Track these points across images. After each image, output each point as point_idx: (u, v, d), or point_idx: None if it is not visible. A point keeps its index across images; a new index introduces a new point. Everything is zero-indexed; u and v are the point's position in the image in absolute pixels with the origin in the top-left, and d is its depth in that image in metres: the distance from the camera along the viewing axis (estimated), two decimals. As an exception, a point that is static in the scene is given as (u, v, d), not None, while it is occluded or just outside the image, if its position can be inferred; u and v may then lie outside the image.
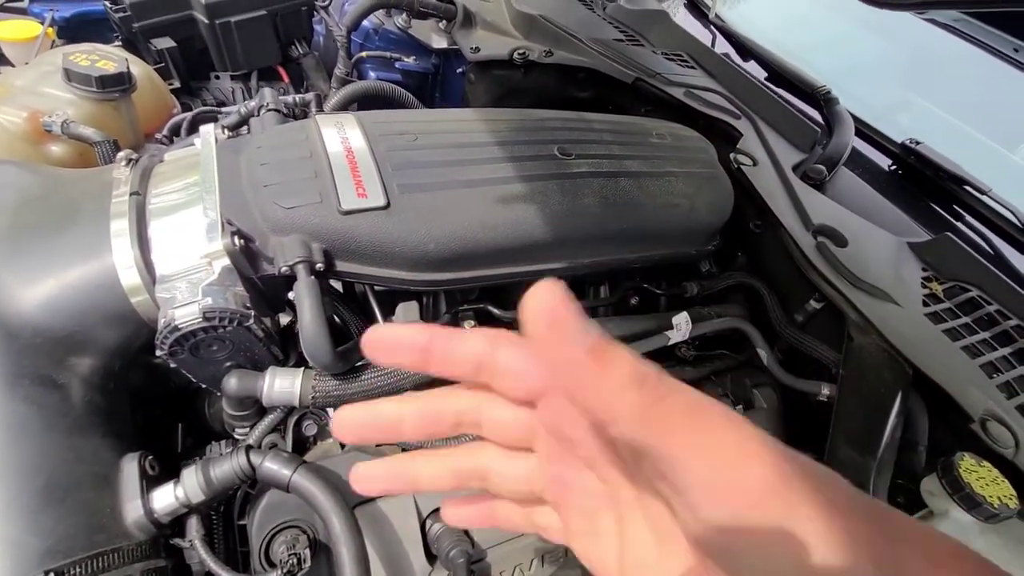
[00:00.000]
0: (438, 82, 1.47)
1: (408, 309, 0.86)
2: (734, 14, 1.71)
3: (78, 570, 0.46)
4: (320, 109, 1.05)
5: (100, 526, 0.49)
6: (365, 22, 1.33)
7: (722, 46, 1.51)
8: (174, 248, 0.61)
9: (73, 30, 1.18)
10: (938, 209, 1.08)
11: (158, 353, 0.57)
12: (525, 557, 0.69)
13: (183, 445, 0.75)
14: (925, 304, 0.84)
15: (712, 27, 1.51)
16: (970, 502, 0.63)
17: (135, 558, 0.49)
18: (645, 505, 0.25)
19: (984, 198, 1.02)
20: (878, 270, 0.86)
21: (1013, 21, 1.12)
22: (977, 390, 0.72)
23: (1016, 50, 1.21)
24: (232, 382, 0.60)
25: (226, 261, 0.60)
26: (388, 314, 0.78)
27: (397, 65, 1.38)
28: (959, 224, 1.06)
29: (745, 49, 1.42)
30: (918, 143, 1.10)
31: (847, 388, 0.74)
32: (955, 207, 1.08)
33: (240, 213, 0.63)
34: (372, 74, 1.40)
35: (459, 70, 1.43)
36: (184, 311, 0.56)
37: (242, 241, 0.60)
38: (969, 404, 0.70)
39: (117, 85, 0.87)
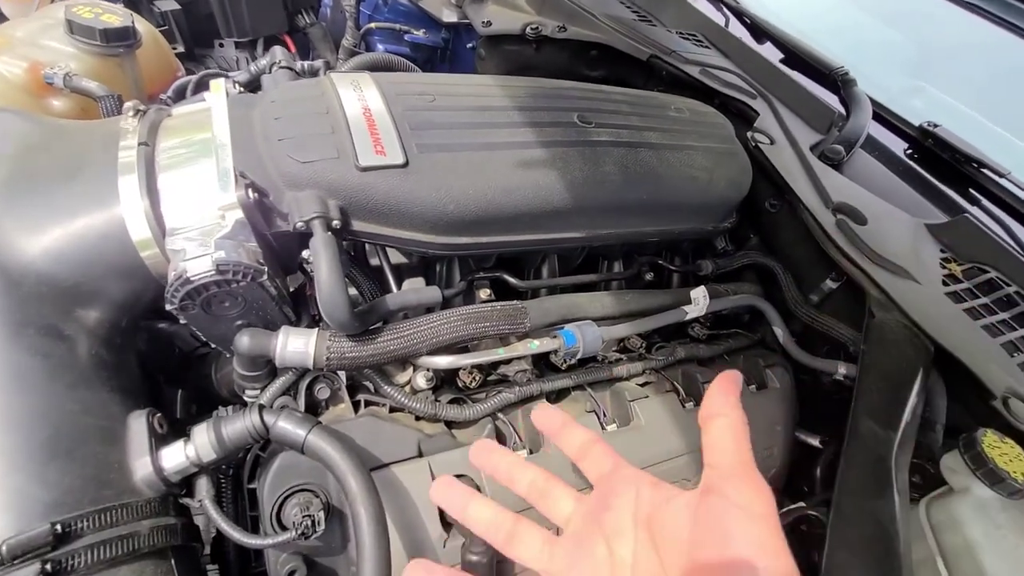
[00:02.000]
0: (447, 56, 1.44)
1: (415, 283, 0.84)
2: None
3: (84, 523, 0.44)
4: (330, 76, 1.02)
5: (108, 481, 0.47)
6: (375, -8, 1.30)
7: (736, 29, 1.49)
8: (185, 201, 0.59)
9: (73, -11, 1.14)
10: (953, 193, 1.07)
11: (168, 307, 0.55)
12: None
13: (187, 412, 0.73)
14: (944, 284, 0.83)
15: (725, 8, 1.49)
16: (993, 477, 0.62)
17: (143, 515, 0.48)
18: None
19: (1003, 181, 1.01)
20: (897, 249, 0.85)
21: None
22: (999, 368, 0.71)
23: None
24: (245, 340, 0.57)
25: (239, 214, 0.58)
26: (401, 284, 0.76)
27: (406, 38, 1.35)
28: (975, 208, 1.05)
29: (760, 31, 1.40)
30: (936, 126, 1.09)
31: (869, 363, 0.72)
32: (972, 190, 1.07)
33: (254, 167, 0.61)
34: (380, 46, 1.36)
35: (469, 45, 1.40)
36: (196, 264, 0.54)
37: (256, 195, 0.58)
38: (991, 381, 0.69)
39: (122, 40, 0.83)
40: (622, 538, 0.37)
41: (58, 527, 0.42)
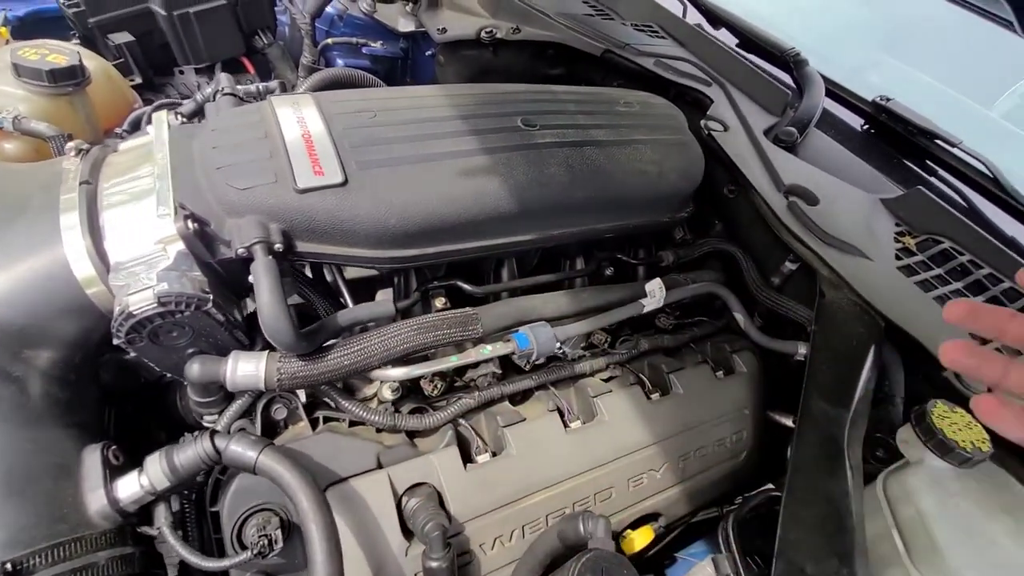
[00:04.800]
0: (408, 66, 1.45)
1: (386, 294, 0.85)
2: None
3: (39, 560, 0.45)
4: (284, 96, 1.03)
5: (62, 516, 0.49)
6: (329, 8, 1.31)
7: (695, 17, 1.49)
8: (128, 236, 0.60)
9: (28, 29, 1.15)
10: (910, 165, 1.08)
11: (115, 341, 0.56)
12: (505, 529, 0.69)
13: (156, 439, 0.74)
14: (898, 258, 0.84)
15: (682, -3, 1.50)
16: (943, 448, 0.63)
17: (100, 546, 0.49)
18: None
19: (955, 151, 1.02)
20: (850, 226, 0.86)
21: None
22: (946, 337, 0.71)
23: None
24: (195, 368, 0.59)
25: (181, 245, 0.59)
26: (358, 298, 0.77)
27: (364, 51, 1.36)
28: (932, 179, 1.06)
29: (715, 17, 1.40)
30: (888, 100, 1.09)
31: (820, 343, 0.73)
32: (927, 162, 1.08)
33: (194, 197, 0.62)
34: (340, 61, 1.38)
35: (428, 53, 1.41)
36: (138, 297, 0.55)
37: (196, 224, 0.59)
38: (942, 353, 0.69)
39: (69, 79, 0.85)
40: None
41: (8, 565, 0.43)
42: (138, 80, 1.16)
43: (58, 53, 0.86)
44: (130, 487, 0.53)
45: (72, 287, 0.57)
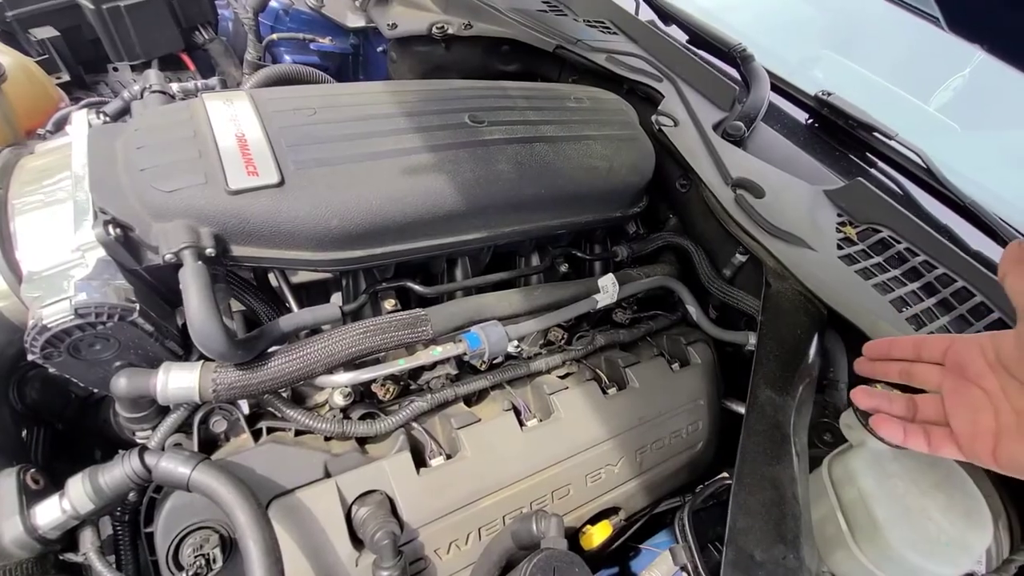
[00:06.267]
0: (360, 63, 1.41)
1: (339, 298, 0.83)
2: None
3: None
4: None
5: (-31, 548, 0.45)
6: (273, 2, 1.26)
7: (647, 14, 1.51)
8: (42, 244, 0.56)
9: (-61, 24, 1.07)
10: (852, 157, 1.11)
11: (29, 357, 0.52)
12: (461, 533, 0.67)
13: (92, 459, 0.70)
14: (839, 247, 0.87)
15: (634, -7, 1.51)
16: (882, 429, 0.65)
17: (8, 579, 0.45)
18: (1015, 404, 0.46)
19: (893, 143, 1.06)
20: (794, 218, 0.88)
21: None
22: (887, 324, 0.74)
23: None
24: (121, 382, 0.55)
25: (101, 252, 0.55)
26: (312, 303, 0.75)
27: (312, 47, 1.32)
28: (872, 170, 1.09)
29: (666, 14, 1.42)
30: (829, 94, 1.13)
31: (766, 333, 0.75)
32: (868, 154, 1.12)
33: (116, 201, 0.58)
34: (287, 57, 1.33)
35: (380, 48, 1.38)
36: (53, 309, 0.51)
37: (119, 230, 0.55)
38: (878, 335, 0.72)
39: (-19, 77, 0.79)
40: (985, 379, 0.49)
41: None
42: (66, 78, 1.09)
43: (-33, 49, 0.80)
44: (50, 512, 0.50)
45: (-21, 300, 0.53)
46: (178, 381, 0.56)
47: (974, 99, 1.35)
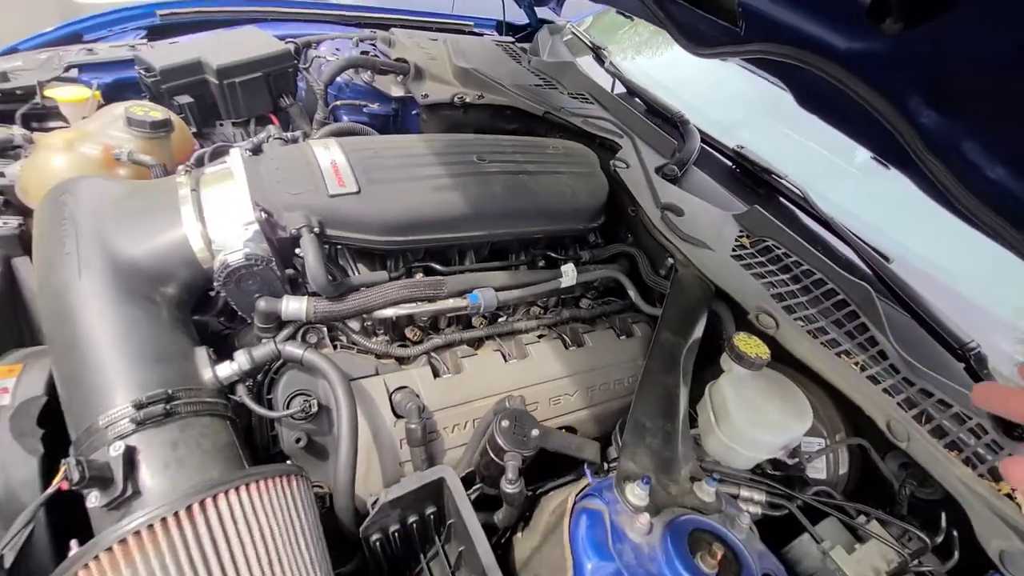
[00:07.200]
0: (398, 122, 1.87)
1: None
2: (631, 64, 2.18)
3: (183, 395, 0.77)
4: (307, 141, 1.42)
5: (188, 378, 0.81)
6: (338, 78, 1.73)
7: (620, 88, 1.95)
8: (223, 221, 0.95)
9: (112, 92, 1.53)
10: (759, 191, 1.50)
11: (215, 285, 0.91)
12: (461, 420, 1.01)
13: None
14: (734, 251, 1.23)
15: (609, 73, 1.96)
16: (739, 358, 0.99)
17: (208, 395, 0.81)
18: None
19: (784, 182, 1.44)
20: (703, 230, 1.25)
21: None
22: (754, 296, 1.09)
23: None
24: (262, 303, 0.93)
25: (256, 227, 0.94)
26: (362, 267, 1.13)
27: (364, 110, 1.78)
28: (769, 200, 1.48)
29: (631, 89, 1.86)
30: (742, 147, 1.53)
31: (671, 300, 1.11)
32: (767, 190, 1.50)
33: (263, 198, 0.98)
34: (345, 117, 1.78)
35: (414, 112, 1.83)
36: (235, 256, 0.90)
37: (265, 214, 0.95)
38: (748, 304, 1.07)
39: (162, 128, 1.22)
40: None
41: (169, 391, 0.76)
42: (193, 130, 1.54)
43: (155, 110, 1.23)
44: (226, 369, 0.86)
45: (187, 251, 0.92)
46: (294, 305, 0.94)
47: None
